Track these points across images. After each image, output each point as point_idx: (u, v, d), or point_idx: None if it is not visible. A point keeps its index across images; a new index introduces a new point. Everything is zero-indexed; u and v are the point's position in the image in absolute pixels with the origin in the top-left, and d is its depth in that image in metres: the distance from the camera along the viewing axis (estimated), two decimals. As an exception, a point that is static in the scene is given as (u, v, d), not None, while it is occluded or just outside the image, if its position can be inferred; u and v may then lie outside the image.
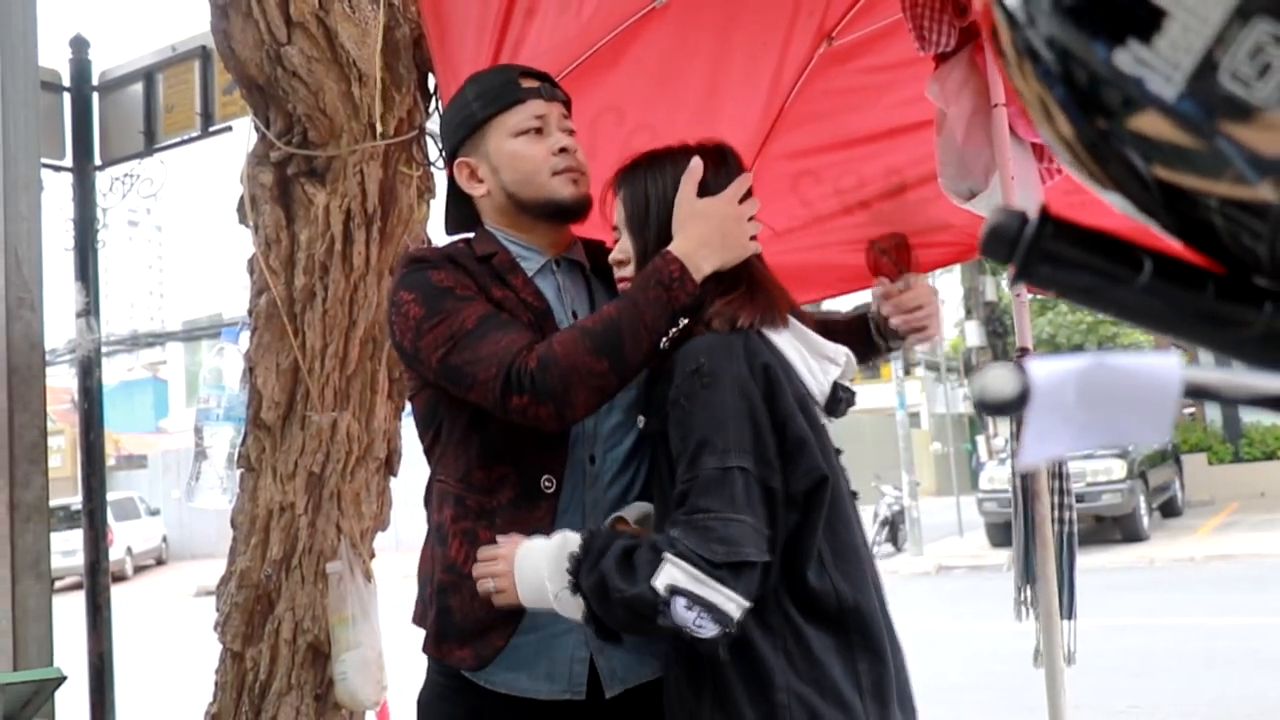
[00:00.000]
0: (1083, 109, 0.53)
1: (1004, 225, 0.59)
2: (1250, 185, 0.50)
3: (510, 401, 1.74)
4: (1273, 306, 0.57)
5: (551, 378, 1.71)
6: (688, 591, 1.55)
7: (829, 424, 1.79)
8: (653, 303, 1.74)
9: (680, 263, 1.76)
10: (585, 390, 1.73)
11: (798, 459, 1.66)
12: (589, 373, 1.72)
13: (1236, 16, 0.46)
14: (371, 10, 2.78)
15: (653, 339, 1.75)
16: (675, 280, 1.75)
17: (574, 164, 2.00)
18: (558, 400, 1.72)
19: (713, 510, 1.59)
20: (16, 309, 3.05)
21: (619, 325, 1.74)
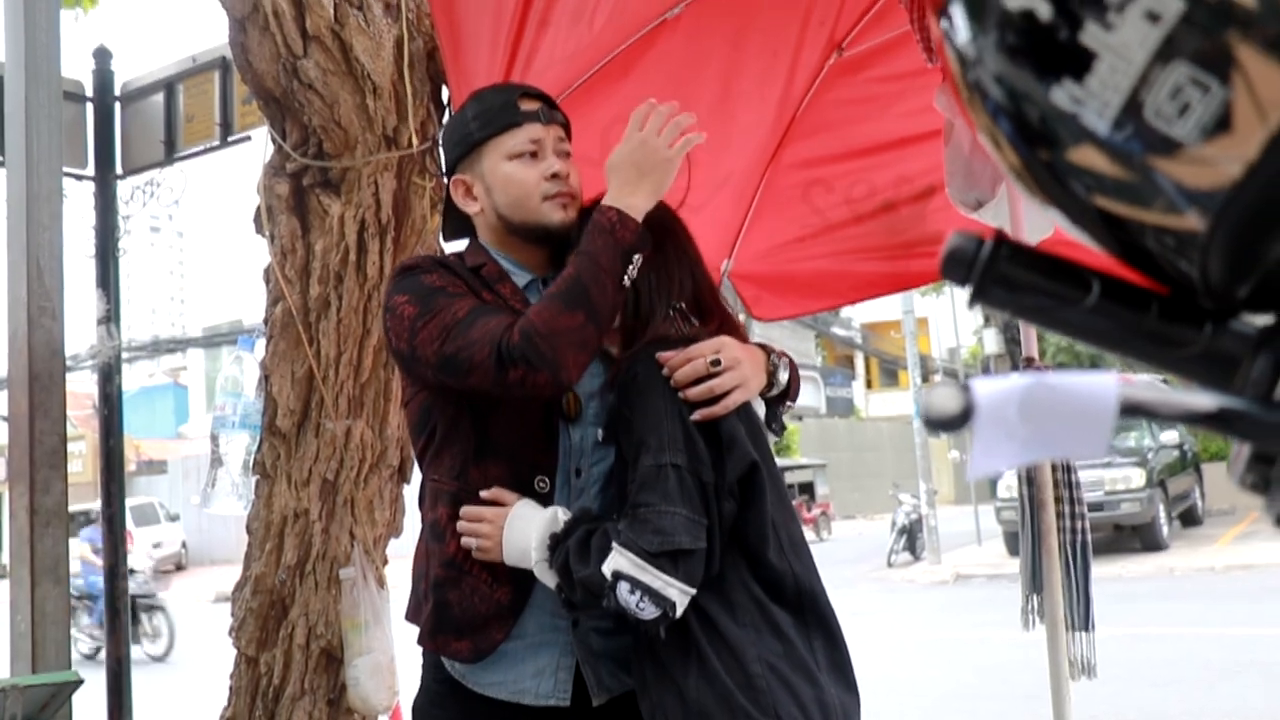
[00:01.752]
0: (1027, 142, 0.56)
1: (961, 249, 0.62)
2: (1179, 214, 0.53)
3: (508, 376, 1.80)
4: (1212, 327, 0.60)
5: (538, 345, 1.79)
6: (630, 577, 1.72)
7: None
8: (603, 249, 1.85)
9: (614, 208, 1.88)
10: (571, 348, 1.81)
11: (730, 452, 1.82)
12: (569, 329, 1.80)
13: (1158, 59, 0.49)
14: (386, 24, 2.82)
15: (615, 282, 1.85)
16: (615, 223, 1.87)
17: (566, 189, 2.04)
18: (550, 364, 1.79)
19: (650, 504, 1.76)
20: (38, 317, 3.10)
21: (581, 279, 1.84)
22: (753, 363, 1.92)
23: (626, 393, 1.88)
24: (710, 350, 1.85)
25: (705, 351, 1.85)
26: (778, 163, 3.79)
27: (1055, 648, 2.61)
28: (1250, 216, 0.51)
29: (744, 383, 1.87)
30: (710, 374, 1.84)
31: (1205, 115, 0.49)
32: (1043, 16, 0.52)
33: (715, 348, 1.86)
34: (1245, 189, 0.50)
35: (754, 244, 3.95)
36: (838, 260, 3.98)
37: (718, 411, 1.84)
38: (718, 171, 3.63)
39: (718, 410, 1.84)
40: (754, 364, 1.92)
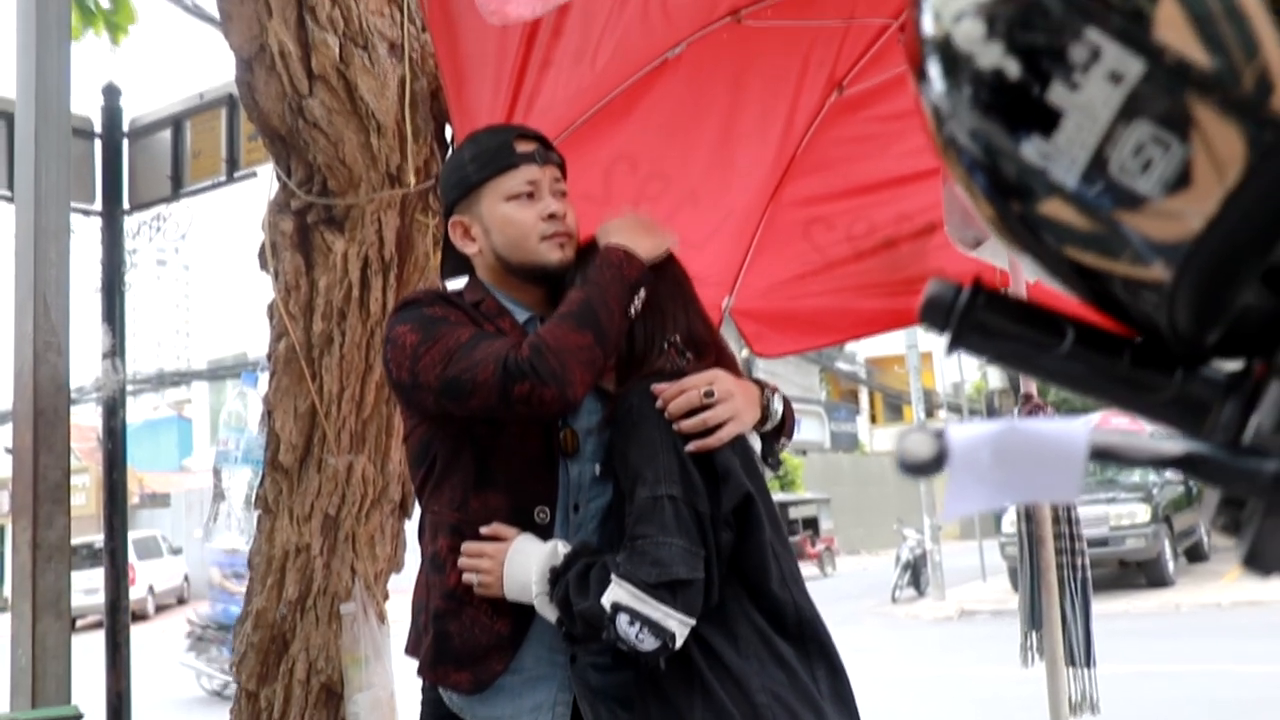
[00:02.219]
0: (1000, 194, 0.58)
1: (938, 296, 0.64)
2: (1146, 265, 0.55)
3: (514, 391, 1.82)
4: (1183, 373, 0.62)
5: (549, 360, 1.83)
6: (629, 608, 1.74)
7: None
8: (610, 281, 1.94)
9: (622, 247, 1.98)
10: (579, 366, 1.85)
11: (725, 483, 1.84)
12: (578, 348, 1.86)
13: (1121, 117, 0.51)
14: (391, 64, 2.86)
15: (621, 310, 1.93)
16: (623, 260, 1.97)
17: (562, 229, 2.07)
18: (558, 379, 1.83)
19: (647, 535, 1.77)
20: (44, 352, 3.13)
21: (590, 302, 1.91)
22: (746, 396, 1.94)
23: (622, 425, 1.91)
24: (704, 383, 1.87)
25: (699, 384, 1.87)
26: (778, 200, 3.81)
27: (1055, 684, 2.61)
28: (1212, 268, 0.53)
29: (737, 415, 1.88)
30: (704, 406, 1.86)
31: (1167, 171, 0.51)
32: (1012, 75, 0.54)
33: (709, 380, 1.88)
34: (1206, 241, 0.52)
35: (755, 281, 3.97)
36: (838, 297, 4.00)
37: (712, 443, 1.85)
38: (719, 209, 3.66)
39: (712, 442, 1.85)
40: (747, 398, 1.94)
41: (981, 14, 0.54)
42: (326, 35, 2.78)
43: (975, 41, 0.55)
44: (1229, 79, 0.48)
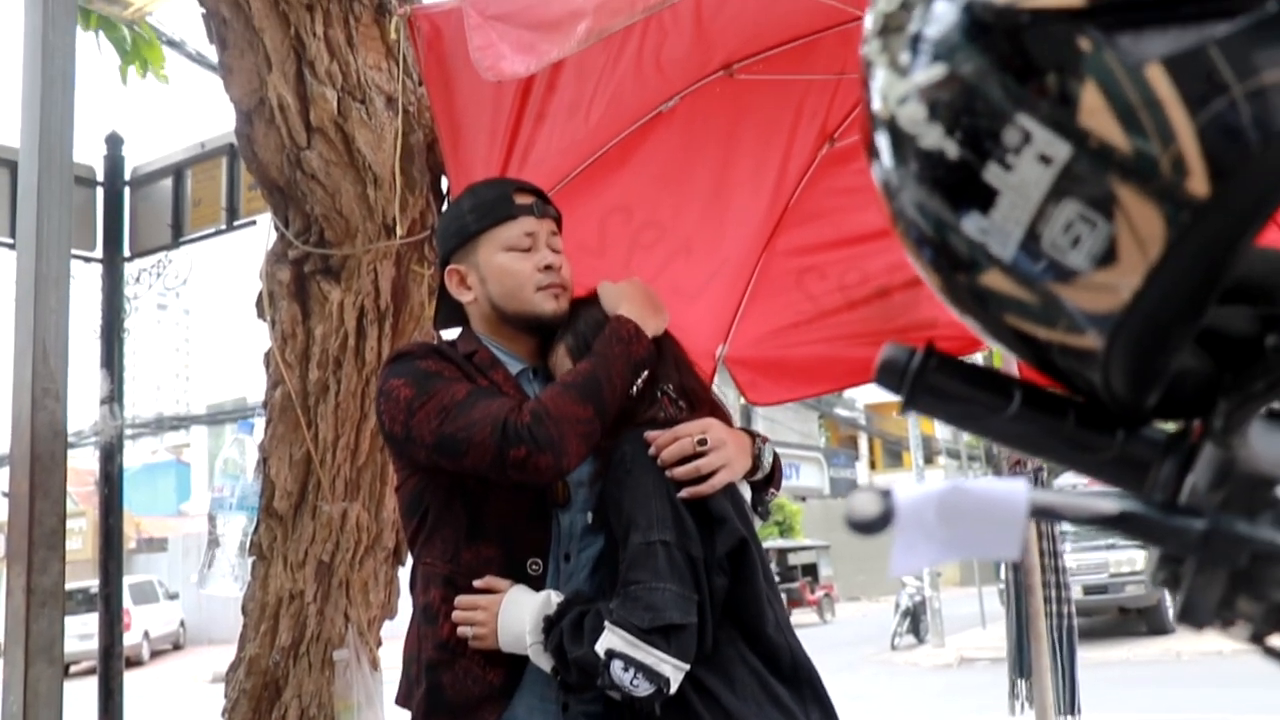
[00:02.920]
0: (944, 265, 0.62)
1: (893, 360, 0.68)
2: (1079, 334, 0.58)
3: (510, 455, 1.85)
4: (1125, 434, 0.65)
5: (547, 427, 1.85)
6: (623, 654, 1.76)
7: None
8: (618, 356, 1.97)
9: (633, 323, 2.01)
10: (576, 438, 1.88)
11: (720, 528, 1.87)
12: (578, 420, 1.88)
13: (1051, 197, 0.54)
14: (388, 117, 2.91)
15: (624, 387, 1.96)
16: (632, 336, 1.99)
17: (558, 280, 2.12)
18: (555, 449, 1.85)
19: (641, 581, 1.80)
20: (42, 399, 3.15)
21: (596, 376, 1.94)
22: (738, 446, 1.97)
23: (615, 473, 1.93)
24: (697, 431, 1.90)
25: (692, 432, 1.90)
26: (772, 250, 3.85)
27: (1044, 734, 2.62)
28: (1141, 336, 0.56)
29: (729, 463, 1.91)
30: (696, 453, 1.88)
31: (1094, 247, 0.54)
32: (951, 155, 0.57)
33: (701, 428, 1.91)
34: (1134, 313, 0.55)
35: (749, 330, 4.01)
36: (832, 346, 4.03)
37: (704, 490, 1.88)
38: (713, 259, 3.70)
39: (704, 489, 1.88)
40: (739, 447, 1.97)
41: (923, 98, 0.58)
42: (325, 89, 2.83)
43: (918, 123, 0.58)
44: (1148, 163, 0.52)
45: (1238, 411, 0.61)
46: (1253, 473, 0.60)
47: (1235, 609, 0.58)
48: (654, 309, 2.08)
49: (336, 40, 2.86)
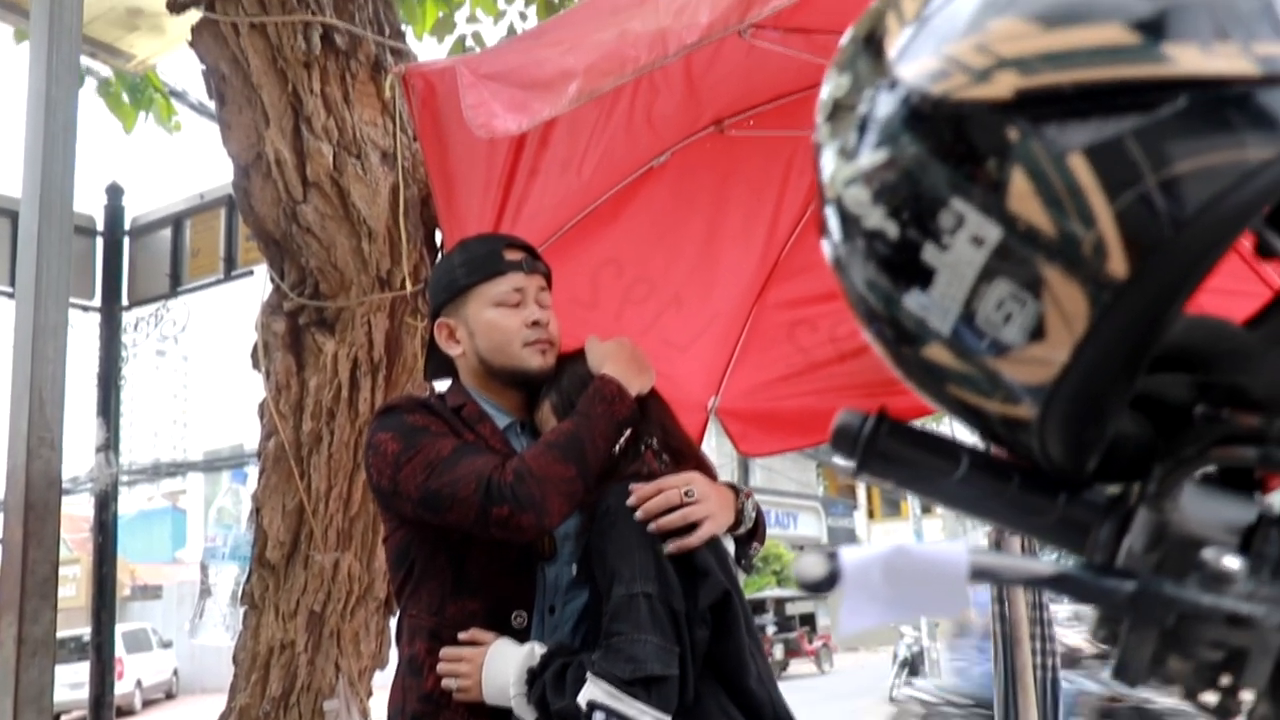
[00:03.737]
0: (890, 339, 0.65)
1: (847, 425, 0.71)
2: (1015, 404, 0.61)
3: (492, 513, 1.87)
4: (1066, 497, 0.68)
5: (530, 487, 1.87)
6: (605, 706, 1.76)
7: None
8: (601, 416, 1.99)
9: (616, 382, 2.03)
10: (559, 497, 1.90)
11: (703, 580, 1.88)
12: (560, 479, 1.90)
13: (983, 276, 0.58)
14: (383, 172, 2.96)
15: (607, 446, 1.98)
16: (616, 396, 2.01)
17: (545, 336, 2.15)
18: (537, 508, 1.87)
19: (622, 633, 1.80)
20: (37, 448, 3.17)
21: (579, 436, 1.96)
22: (721, 500, 1.99)
23: (600, 525, 1.94)
24: (681, 484, 1.93)
25: (676, 484, 1.93)
26: (763, 303, 3.89)
27: (1031, 788, 2.62)
28: (1071, 407, 0.60)
29: (712, 516, 1.93)
30: (681, 505, 1.91)
31: (1025, 323, 0.58)
32: (892, 236, 0.61)
33: (685, 482, 1.93)
34: (1063, 385, 0.58)
35: (740, 381, 4.04)
36: (822, 398, 4.06)
37: (690, 543, 1.89)
38: (704, 312, 3.73)
39: (690, 541, 1.89)
40: (723, 501, 2.00)
41: (867, 181, 0.62)
42: (321, 144, 2.88)
43: (862, 205, 0.62)
44: (1071, 246, 0.55)
45: (1169, 476, 0.64)
46: (1184, 535, 0.63)
47: (1166, 667, 0.61)
48: (639, 368, 2.10)
49: (333, 97, 2.92)
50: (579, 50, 2.28)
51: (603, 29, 2.26)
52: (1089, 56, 0.56)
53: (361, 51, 3.01)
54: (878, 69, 0.63)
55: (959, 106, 0.58)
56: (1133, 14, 0.56)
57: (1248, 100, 0.54)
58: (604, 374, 2.06)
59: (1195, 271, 0.56)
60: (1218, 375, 0.72)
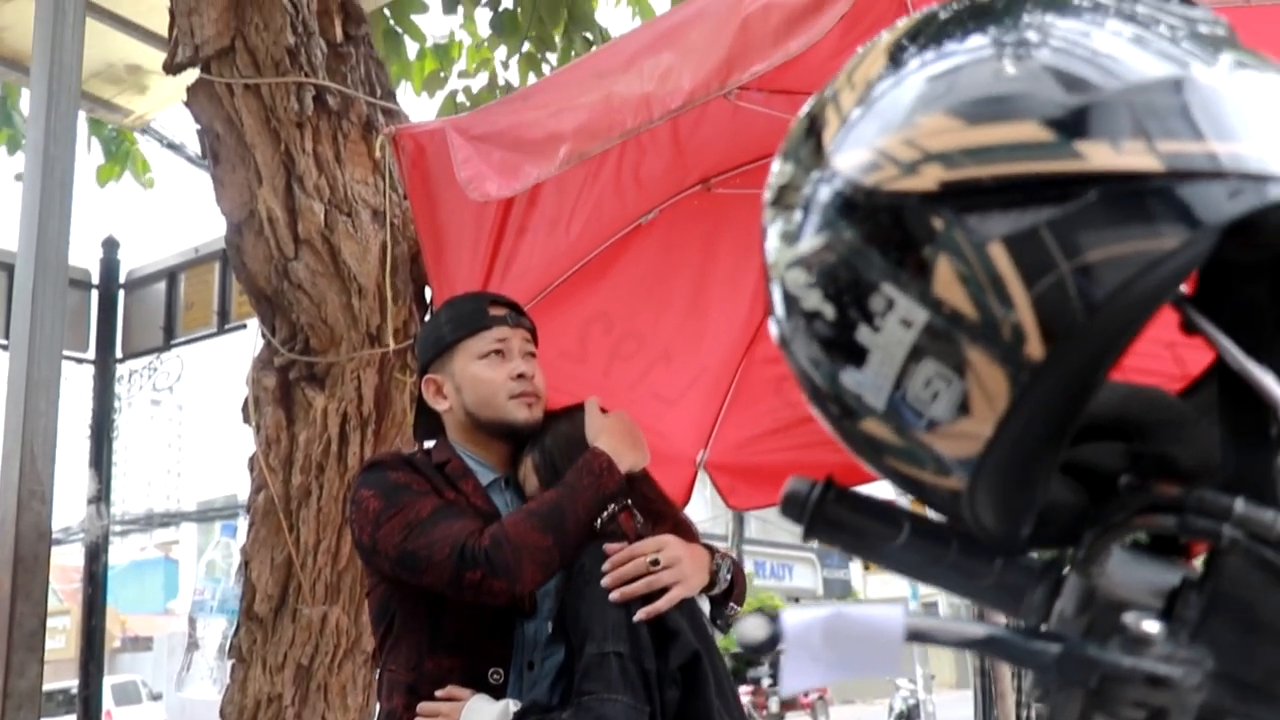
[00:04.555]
0: (831, 412, 0.69)
1: (795, 492, 0.75)
2: (946, 476, 0.65)
3: (465, 577, 1.90)
4: (1002, 562, 0.72)
5: (504, 553, 1.90)
6: None
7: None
8: (586, 488, 2.00)
9: (607, 456, 2.04)
10: (533, 565, 1.92)
11: (673, 642, 1.91)
12: (537, 548, 1.92)
13: (912, 356, 0.62)
14: (373, 230, 3.01)
15: (589, 520, 2.00)
16: (604, 470, 2.03)
17: (530, 389, 2.18)
18: (510, 574, 1.90)
19: (593, 692, 1.82)
20: (28, 500, 3.19)
21: (561, 507, 1.98)
22: (695, 562, 2.01)
23: (575, 584, 1.97)
24: (652, 549, 1.95)
25: (647, 550, 1.95)
26: (751, 358, 3.93)
27: (1015, 844, 2.62)
28: (998, 478, 0.63)
29: (683, 580, 1.95)
30: (650, 571, 1.93)
31: (950, 401, 0.61)
32: (829, 316, 0.65)
33: (657, 546, 1.96)
34: (988, 458, 0.62)
35: (729, 436, 4.06)
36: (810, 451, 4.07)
37: (659, 608, 1.91)
38: (693, 366, 3.77)
39: (659, 607, 1.91)
40: (696, 563, 2.02)
41: (805, 265, 0.66)
42: (313, 202, 2.94)
43: (801, 287, 0.66)
44: (991, 329, 0.59)
45: (1097, 543, 0.68)
46: (1111, 599, 0.67)
47: (1093, 727, 0.64)
48: (633, 444, 2.11)
49: (325, 156, 2.97)
50: (567, 113, 2.33)
51: (589, 92, 2.31)
52: (1008, 152, 0.60)
53: (353, 112, 3.08)
54: (816, 159, 0.67)
55: (889, 197, 0.62)
56: (1049, 113, 0.60)
57: (1153, 194, 0.58)
58: (596, 447, 2.07)
59: (1109, 353, 0.60)
60: (1151, 445, 0.76)
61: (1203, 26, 0.67)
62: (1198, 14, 0.68)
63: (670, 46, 2.18)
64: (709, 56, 2.09)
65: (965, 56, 0.65)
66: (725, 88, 2.11)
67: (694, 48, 2.13)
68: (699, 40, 2.13)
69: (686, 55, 2.13)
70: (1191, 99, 0.61)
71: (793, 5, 2.01)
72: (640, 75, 2.20)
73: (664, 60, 2.15)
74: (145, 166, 5.40)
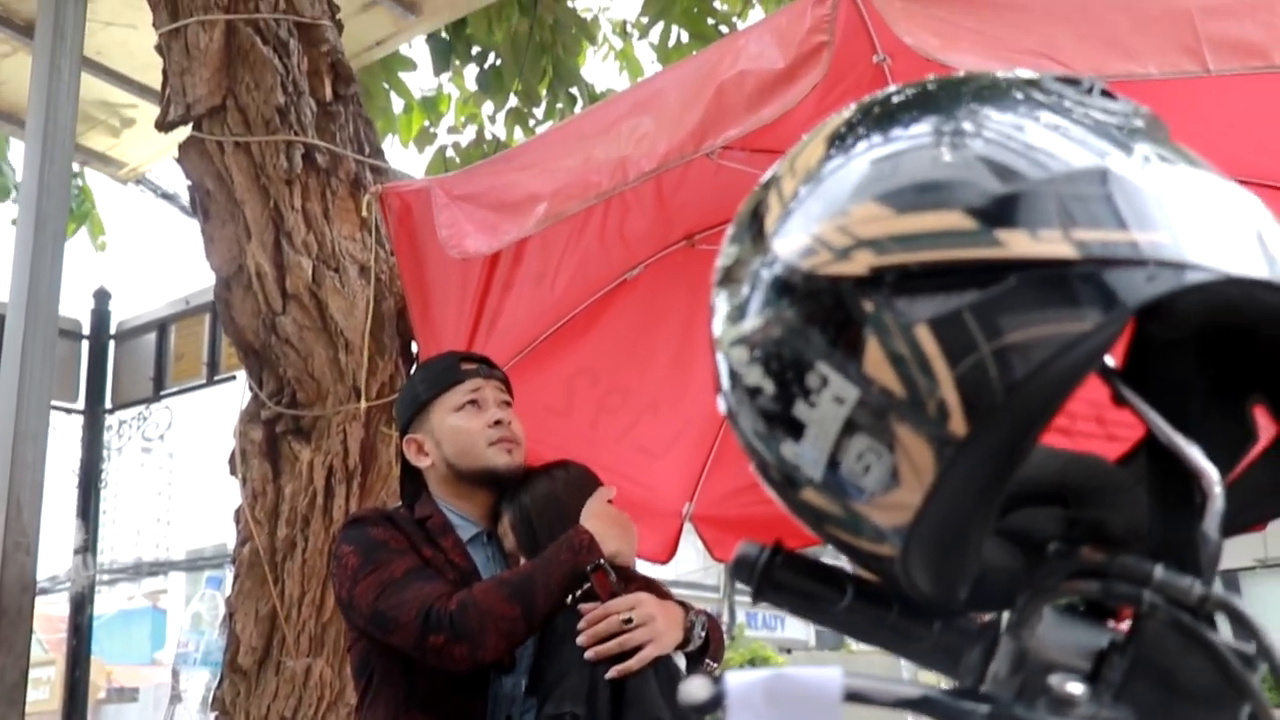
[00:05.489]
0: (775, 482, 0.72)
1: (745, 556, 0.78)
2: (880, 544, 0.68)
3: (428, 640, 1.92)
4: (941, 624, 0.75)
5: (469, 619, 1.92)
6: None
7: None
8: (562, 564, 2.01)
9: (590, 535, 2.05)
10: (497, 634, 1.93)
11: (629, 709, 1.91)
12: (502, 617, 1.93)
13: (845, 431, 0.65)
14: (360, 285, 3.05)
15: (560, 595, 2.00)
16: (584, 547, 2.03)
17: (508, 435, 2.22)
18: (473, 640, 1.91)
19: None
20: (13, 552, 3.21)
21: (533, 579, 1.99)
22: (667, 619, 2.03)
23: (546, 644, 2.00)
24: (625, 607, 1.97)
25: (619, 609, 1.97)
26: (736, 411, 3.96)
27: None
28: (927, 547, 0.67)
29: (656, 638, 1.97)
30: (622, 630, 1.95)
31: (881, 474, 0.65)
32: (768, 392, 0.68)
33: (630, 605, 1.98)
34: (917, 527, 0.65)
35: (715, 488, 4.08)
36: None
37: (632, 666, 1.93)
38: (678, 419, 3.79)
39: (631, 665, 1.93)
40: (669, 620, 2.03)
41: (747, 343, 0.70)
42: (301, 258, 2.98)
43: (743, 364, 0.70)
44: (918, 407, 0.62)
45: (1028, 606, 0.71)
46: (1041, 661, 0.70)
47: (1021, 785, 0.67)
48: (620, 534, 2.12)
49: (314, 212, 3.02)
50: (547, 174, 2.39)
51: (570, 155, 2.37)
52: (934, 239, 0.64)
53: (342, 169, 3.13)
54: (759, 243, 0.71)
55: (823, 281, 0.66)
56: (973, 202, 0.64)
57: (1069, 280, 0.61)
58: (581, 526, 2.09)
59: (1030, 428, 0.63)
60: (1088, 511, 0.80)
61: (1128, 119, 0.71)
62: (1121, 107, 0.72)
63: (649, 111, 2.24)
64: (685, 121, 2.14)
65: (897, 147, 0.69)
66: (699, 151, 2.17)
67: (671, 113, 2.19)
68: (676, 106, 2.19)
69: (663, 120, 2.19)
70: (1114, 189, 0.65)
71: (766, 73, 2.07)
72: (619, 138, 2.25)
73: (642, 124, 2.21)
74: (100, 229, 5.48)
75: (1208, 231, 0.65)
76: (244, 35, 3.08)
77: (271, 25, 3.10)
